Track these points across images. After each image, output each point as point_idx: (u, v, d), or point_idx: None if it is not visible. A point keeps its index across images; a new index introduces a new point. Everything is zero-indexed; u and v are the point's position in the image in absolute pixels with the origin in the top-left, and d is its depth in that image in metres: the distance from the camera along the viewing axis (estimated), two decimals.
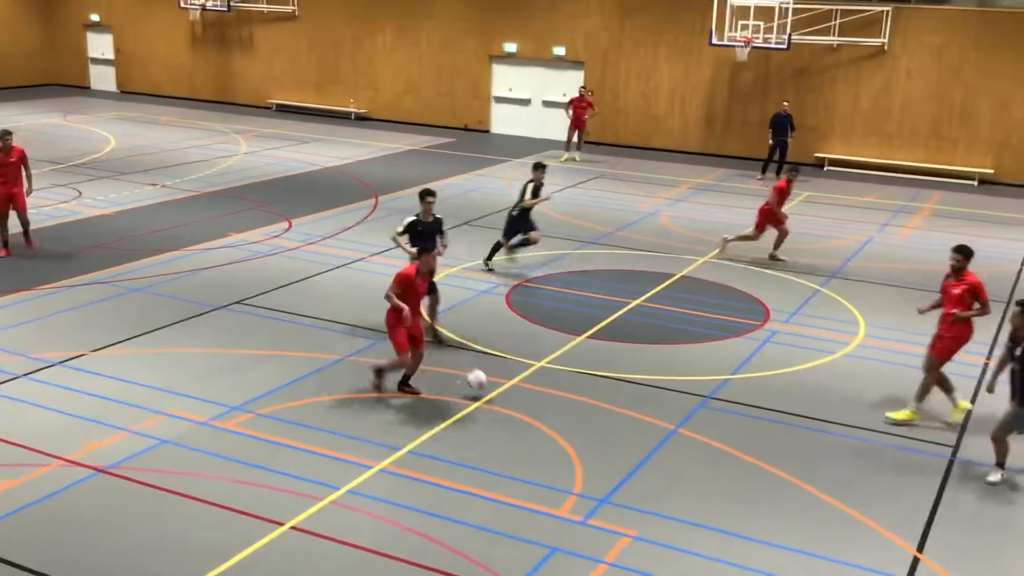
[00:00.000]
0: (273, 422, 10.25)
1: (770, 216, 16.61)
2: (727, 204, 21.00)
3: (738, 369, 12.05)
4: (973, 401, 11.11)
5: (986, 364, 12.19)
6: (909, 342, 12.91)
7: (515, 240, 15.86)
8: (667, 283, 15.37)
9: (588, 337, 12.95)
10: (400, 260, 16.35)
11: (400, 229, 12.43)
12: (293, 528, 8.32)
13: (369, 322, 13.10)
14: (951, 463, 9.86)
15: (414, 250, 11.93)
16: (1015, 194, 23.46)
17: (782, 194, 16.48)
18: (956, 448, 10.15)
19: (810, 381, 11.78)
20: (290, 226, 18.03)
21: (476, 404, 10.73)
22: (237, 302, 13.80)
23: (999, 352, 9.39)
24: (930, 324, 10.89)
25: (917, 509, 8.96)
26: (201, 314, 13.27)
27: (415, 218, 12.44)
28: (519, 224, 15.74)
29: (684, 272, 15.92)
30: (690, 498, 9.03)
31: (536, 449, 9.88)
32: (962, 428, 10.60)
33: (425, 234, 12.28)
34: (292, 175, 22.61)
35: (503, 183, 22.60)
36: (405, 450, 9.73)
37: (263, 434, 9.96)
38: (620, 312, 13.99)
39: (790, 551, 8.25)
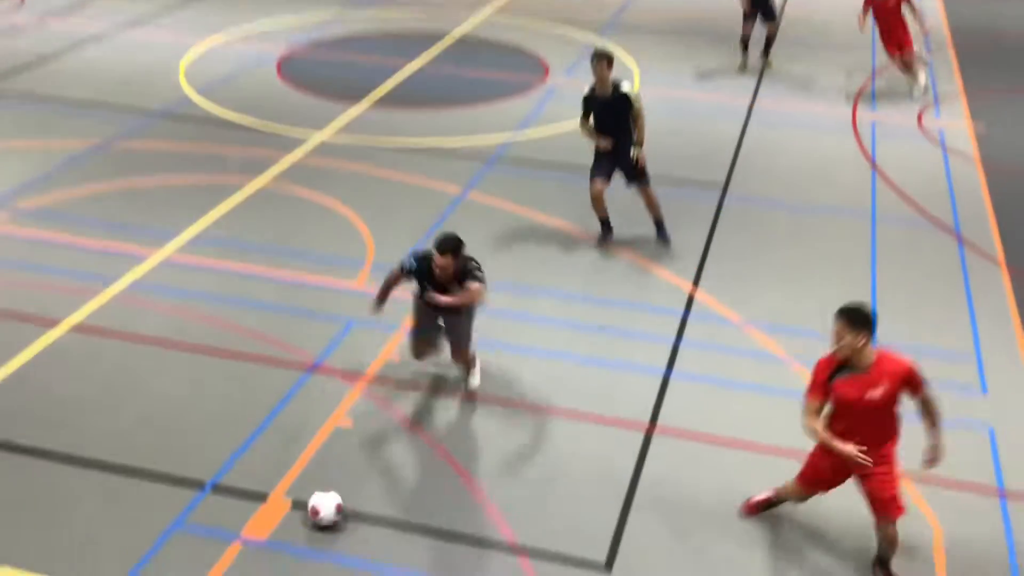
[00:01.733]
0: (36, 218, 9.49)
1: (886, 37, 13.05)
2: None
3: (520, 128, 12.07)
4: None
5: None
6: (681, 86, 13.31)
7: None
8: (443, 44, 14.95)
9: (368, 106, 12.54)
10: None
11: (583, 112, 9.15)
12: (73, 328, 7.89)
13: (127, 104, 12.11)
14: (721, 204, 10.42)
15: (607, 142, 9.12)
16: None
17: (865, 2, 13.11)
18: (725, 189, 10.71)
19: None
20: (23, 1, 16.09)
21: (256, 186, 10.29)
22: None
23: None
24: (690, 63, 11.00)
25: (692, 250, 9.50)
26: None
27: (589, 90, 9.08)
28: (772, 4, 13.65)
29: (460, 31, 15.50)
30: (482, 260, 9.17)
31: (324, 224, 9.67)
32: (730, 169, 11.16)
33: (604, 114, 9.05)
34: None
35: None
36: (186, 237, 9.29)
37: (27, 231, 9.22)
38: (399, 77, 13.56)
39: (586, 301, 8.62)
